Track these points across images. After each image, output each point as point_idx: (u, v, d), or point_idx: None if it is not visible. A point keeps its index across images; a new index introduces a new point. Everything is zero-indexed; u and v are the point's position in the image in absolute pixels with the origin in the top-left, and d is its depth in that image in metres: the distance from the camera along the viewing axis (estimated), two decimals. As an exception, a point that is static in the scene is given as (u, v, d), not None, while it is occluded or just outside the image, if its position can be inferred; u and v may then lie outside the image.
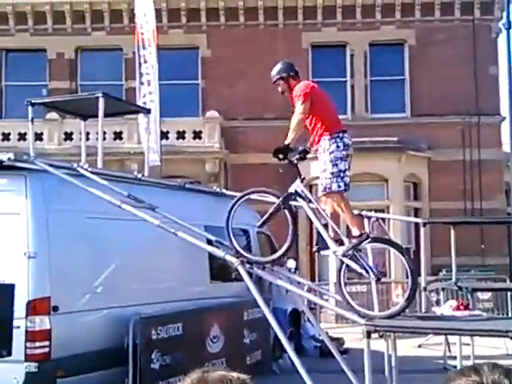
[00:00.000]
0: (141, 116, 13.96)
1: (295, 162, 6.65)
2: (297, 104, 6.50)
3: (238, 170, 19.61)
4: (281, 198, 6.57)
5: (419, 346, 12.68)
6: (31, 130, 9.40)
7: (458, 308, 9.87)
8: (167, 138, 18.66)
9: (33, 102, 9.13)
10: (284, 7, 20.74)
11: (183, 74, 20.53)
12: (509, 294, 14.77)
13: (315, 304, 12.90)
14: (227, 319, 9.00)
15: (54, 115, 18.19)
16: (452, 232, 10.59)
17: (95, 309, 7.29)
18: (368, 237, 6.42)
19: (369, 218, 9.40)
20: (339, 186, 6.35)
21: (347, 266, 6.38)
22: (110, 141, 18.40)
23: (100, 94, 8.68)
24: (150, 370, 7.32)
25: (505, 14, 18.72)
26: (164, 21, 20.30)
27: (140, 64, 14.92)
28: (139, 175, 8.79)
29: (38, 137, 18.49)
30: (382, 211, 16.77)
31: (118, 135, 19.19)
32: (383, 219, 11.99)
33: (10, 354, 5.72)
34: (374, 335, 6.20)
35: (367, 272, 6.36)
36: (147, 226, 7.18)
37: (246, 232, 10.58)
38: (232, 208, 6.75)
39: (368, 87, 20.78)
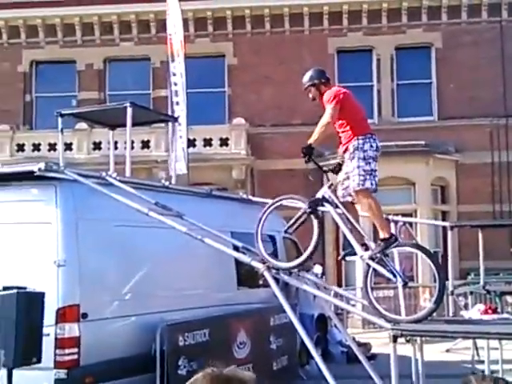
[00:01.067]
0: (171, 124, 14.16)
1: (325, 168, 6.74)
2: (326, 108, 6.55)
3: (264, 176, 19.70)
4: (307, 203, 6.61)
5: (447, 351, 12.59)
6: (61, 141, 9.60)
7: (485, 312, 9.76)
8: (194, 146, 18.83)
9: (62, 113, 9.30)
10: (309, 13, 20.82)
11: (210, 81, 20.70)
12: (539, 297, 14.63)
13: (342, 309, 12.91)
14: (254, 325, 9.03)
15: (83, 125, 18.51)
16: (480, 235, 10.54)
17: (123, 316, 7.35)
18: (396, 240, 6.39)
19: (396, 222, 9.40)
20: (372, 184, 6.34)
21: (374, 270, 6.36)
22: (137, 149, 18.65)
23: (128, 104, 8.80)
24: (177, 376, 7.35)
25: (532, 15, 18.59)
26: (191, 30, 20.53)
27: (170, 75, 15.11)
28: (166, 183, 8.91)
29: (68, 146, 18.84)
30: (410, 215, 16.73)
31: (145, 144, 19.43)
32: (410, 223, 11.97)
33: (39, 361, 5.82)
34: (400, 340, 6.19)
35: (394, 276, 6.33)
36: (174, 234, 7.27)
37: (272, 238, 10.66)
38: (263, 215, 6.82)
39: (395, 91, 20.72)
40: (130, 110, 8.79)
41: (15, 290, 5.86)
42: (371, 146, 6.42)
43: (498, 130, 19.84)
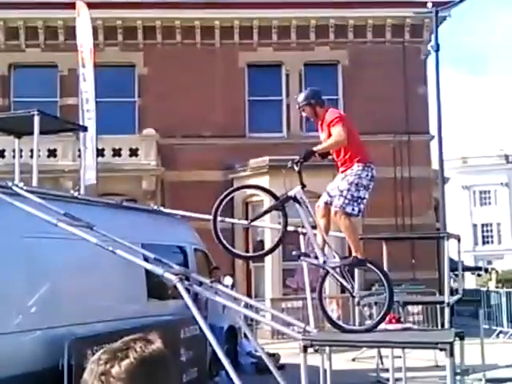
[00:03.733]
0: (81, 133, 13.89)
1: (296, 168, 6.74)
2: (337, 126, 6.61)
3: (174, 188, 19.62)
4: (279, 200, 6.77)
5: (353, 360, 12.94)
6: (-36, 149, 9.24)
7: (390, 321, 10.10)
8: (103, 156, 18.49)
9: (-35, 119, 8.98)
10: (220, 27, 20.99)
11: (120, 91, 20.46)
12: (438, 307, 15.25)
13: (252, 320, 13.02)
14: (164, 337, 8.75)
15: (-15, 132, 17.82)
16: (384, 247, 10.89)
17: (30, 330, 7.15)
18: (365, 265, 6.64)
19: (304, 234, 9.59)
20: (353, 210, 6.53)
21: (333, 277, 6.60)
22: (43, 158, 18.10)
23: (35, 112, 8.62)
24: (86, 390, 7.22)
25: (433, 37, 19.51)
26: (100, 38, 20.21)
27: (80, 82, 14.81)
28: (75, 193, 8.74)
29: (-31, 154, 18.10)
30: (318, 228, 17.06)
31: (52, 153, 18.92)
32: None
33: None
34: (309, 350, 6.33)
35: (352, 288, 6.59)
36: (83, 245, 7.14)
37: (182, 249, 10.65)
38: (221, 201, 6.67)
39: (303, 106, 21.18)
40: (37, 118, 8.62)
41: None
42: (367, 175, 6.63)
43: (401, 147, 20.65)
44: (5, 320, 6.85)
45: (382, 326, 9.75)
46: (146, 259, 7.91)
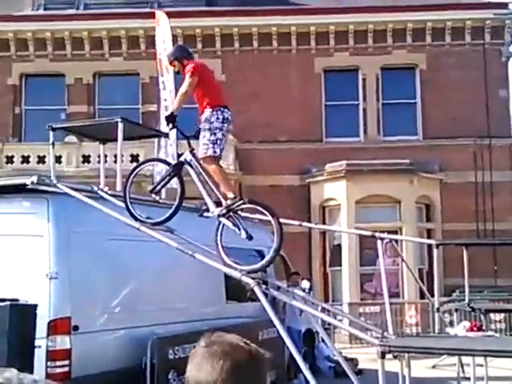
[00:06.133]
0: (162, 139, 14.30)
1: (187, 134, 7.47)
2: (185, 79, 7.22)
3: (252, 192, 19.77)
4: (171, 167, 7.55)
5: (433, 367, 12.70)
6: (52, 154, 9.60)
7: (471, 329, 9.88)
8: (183, 161, 18.84)
9: (54, 126, 9.32)
10: (297, 33, 21.07)
11: (198, 98, 20.82)
12: (521, 315, 14.80)
13: (329, 324, 12.98)
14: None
15: (72, 138, 18.51)
16: (465, 253, 10.66)
17: (114, 329, 7.38)
18: (241, 199, 7.05)
19: (382, 239, 9.52)
20: (214, 152, 7.05)
21: (224, 225, 7.09)
22: (127, 163, 18.63)
23: (119, 119, 8.86)
24: (167, 389, 7.42)
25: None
26: (179, 46, 20.67)
27: (160, 90, 15.21)
28: (157, 197, 8.96)
29: (57, 159, 18.76)
30: (395, 232, 16.90)
31: (134, 158, 19.47)
32: (396, 240, 12.11)
33: (31, 372, 5.83)
34: (388, 355, 6.28)
35: (239, 230, 7.01)
36: (164, 248, 7.34)
37: (260, 253, 10.75)
38: (130, 175, 7.80)
39: (380, 110, 20.98)
40: (120, 125, 8.82)
41: (8, 303, 5.89)
42: (217, 118, 7.12)
43: (482, 151, 20.14)
44: (90, 319, 7.08)
45: (463, 333, 9.57)
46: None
